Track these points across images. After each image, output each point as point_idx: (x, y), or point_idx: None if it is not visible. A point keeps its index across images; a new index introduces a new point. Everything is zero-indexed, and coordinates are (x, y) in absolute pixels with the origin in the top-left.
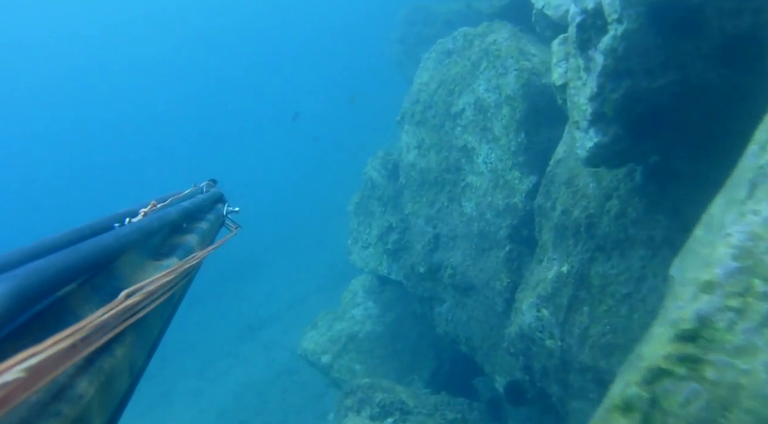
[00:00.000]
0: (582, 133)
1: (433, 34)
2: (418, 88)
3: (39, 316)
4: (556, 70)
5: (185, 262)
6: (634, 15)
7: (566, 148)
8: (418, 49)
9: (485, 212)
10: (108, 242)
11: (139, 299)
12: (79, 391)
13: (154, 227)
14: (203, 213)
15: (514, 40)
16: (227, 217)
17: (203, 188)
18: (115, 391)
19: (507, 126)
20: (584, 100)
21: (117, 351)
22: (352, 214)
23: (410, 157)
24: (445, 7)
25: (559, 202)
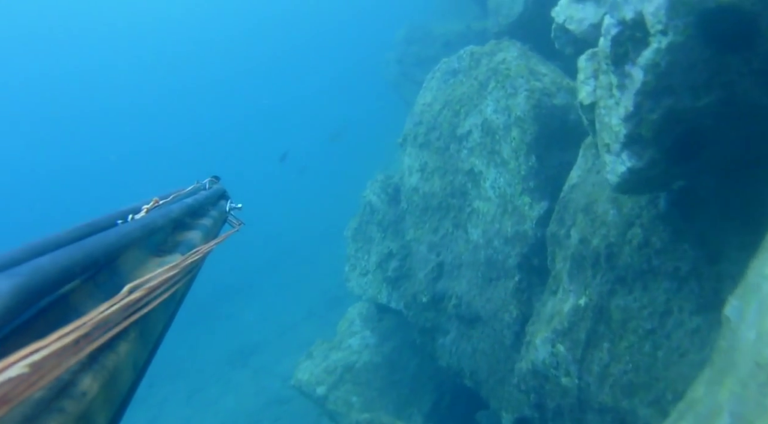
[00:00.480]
0: (613, 157)
1: (432, 55)
2: (422, 109)
3: (43, 313)
4: (584, 89)
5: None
6: (681, 26)
7: (581, 173)
8: (416, 69)
9: (493, 239)
10: (111, 238)
11: (142, 294)
12: (82, 388)
13: (158, 224)
14: (206, 210)
15: (524, 59)
16: (230, 213)
17: (206, 185)
18: (118, 388)
19: (517, 149)
20: (617, 121)
21: (120, 348)
22: (350, 239)
23: (413, 181)
24: (444, 28)
25: (575, 230)
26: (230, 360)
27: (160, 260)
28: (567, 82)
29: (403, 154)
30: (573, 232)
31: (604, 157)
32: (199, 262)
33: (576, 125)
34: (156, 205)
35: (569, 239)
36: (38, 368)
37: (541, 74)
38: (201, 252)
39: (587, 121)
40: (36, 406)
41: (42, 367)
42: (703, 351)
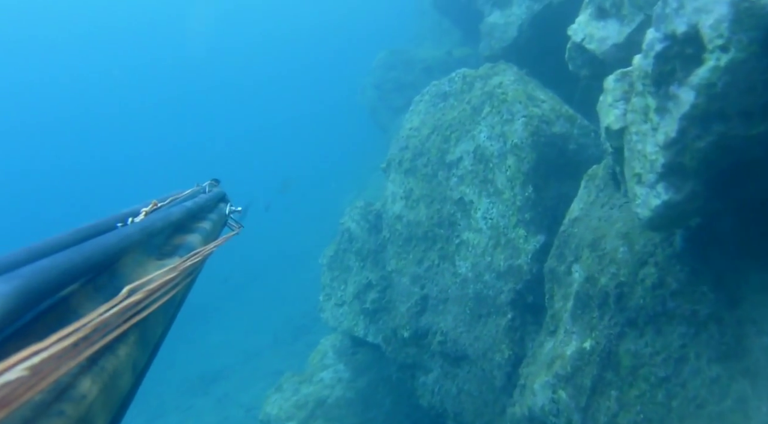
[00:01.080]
0: (646, 189)
1: (411, 81)
2: (408, 134)
3: (42, 316)
4: (611, 112)
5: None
6: (746, 41)
7: (583, 206)
8: (395, 95)
9: (483, 273)
10: (111, 241)
11: (142, 296)
12: (81, 391)
13: (157, 227)
14: (206, 213)
15: (522, 84)
16: (230, 216)
17: (206, 188)
18: (118, 391)
19: (512, 178)
20: (653, 149)
21: (120, 351)
22: (326, 267)
23: (396, 208)
24: (425, 54)
25: (580, 268)
26: (192, 387)
27: (160, 263)
28: (566, 110)
29: (387, 180)
30: (576, 269)
31: (634, 189)
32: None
33: (575, 155)
34: (155, 208)
35: (570, 276)
36: (37, 370)
37: (540, 100)
38: (200, 254)
39: (612, 149)
40: (35, 409)
41: (41, 370)
42: (723, 403)
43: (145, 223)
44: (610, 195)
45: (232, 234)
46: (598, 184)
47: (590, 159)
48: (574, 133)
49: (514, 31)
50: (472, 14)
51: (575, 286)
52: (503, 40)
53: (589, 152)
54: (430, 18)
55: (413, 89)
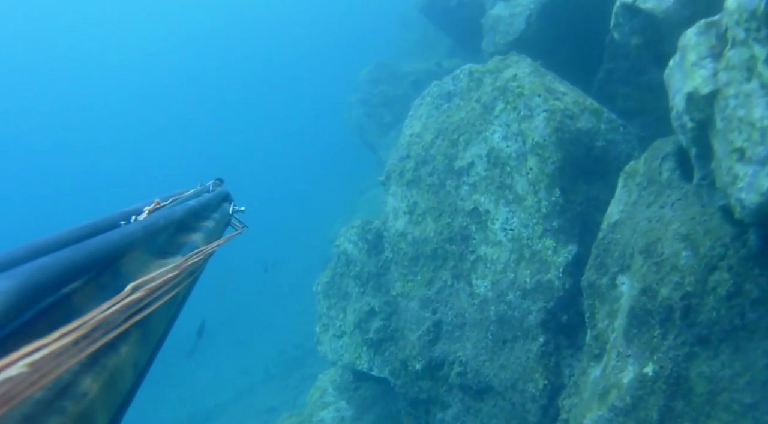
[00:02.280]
0: (753, 167)
1: (400, 95)
2: (409, 141)
3: (44, 313)
4: (697, 74)
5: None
6: None
7: (624, 208)
8: (383, 110)
9: (506, 292)
10: (113, 239)
11: (143, 294)
12: (83, 388)
13: (160, 226)
14: (209, 212)
15: (538, 76)
16: (233, 216)
17: (209, 187)
18: (119, 389)
19: (535, 182)
20: (764, 112)
21: (122, 349)
22: (321, 295)
23: (399, 225)
24: (412, 67)
25: (633, 279)
26: None
27: (162, 261)
28: (590, 103)
29: (386, 195)
30: (624, 281)
31: (734, 169)
32: (201, 263)
33: (603, 153)
34: (157, 206)
35: (616, 289)
36: (38, 367)
37: (560, 93)
38: (203, 253)
39: (692, 124)
40: (36, 406)
41: (42, 366)
42: None
43: (148, 221)
44: (657, 193)
45: (235, 233)
46: (640, 181)
47: (620, 157)
48: (602, 128)
49: (522, 22)
50: (463, 19)
51: (625, 300)
52: (509, 33)
53: (619, 149)
54: (415, 30)
55: (402, 103)
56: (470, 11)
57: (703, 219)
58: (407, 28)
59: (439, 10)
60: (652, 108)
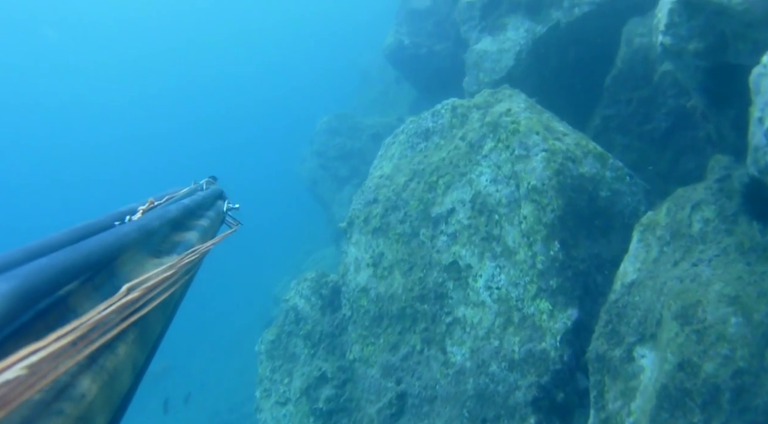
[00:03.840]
0: None
1: (358, 148)
2: (377, 183)
3: (41, 315)
4: None
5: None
6: None
7: (641, 266)
8: (340, 164)
9: (489, 362)
10: (108, 240)
11: (140, 294)
12: (81, 390)
13: (155, 225)
14: (203, 210)
15: (535, 113)
16: (227, 214)
17: (203, 185)
18: (117, 390)
19: (529, 233)
20: None
21: (119, 349)
22: (264, 356)
23: (361, 279)
24: (373, 120)
25: (662, 350)
26: None
27: (158, 261)
28: (594, 147)
29: (348, 244)
30: (646, 352)
31: None
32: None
33: (608, 205)
34: (151, 206)
35: (633, 362)
36: (36, 369)
37: (561, 133)
38: (198, 252)
39: None
40: (35, 408)
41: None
42: None
43: (143, 221)
44: (686, 248)
45: (230, 232)
46: (661, 235)
47: (625, 211)
48: (607, 176)
49: (510, 59)
50: (432, 69)
51: (650, 377)
52: (495, 71)
53: (624, 201)
54: (375, 86)
55: (360, 157)
56: (440, 61)
57: (754, 279)
58: (367, 84)
59: (407, 58)
60: (654, 161)
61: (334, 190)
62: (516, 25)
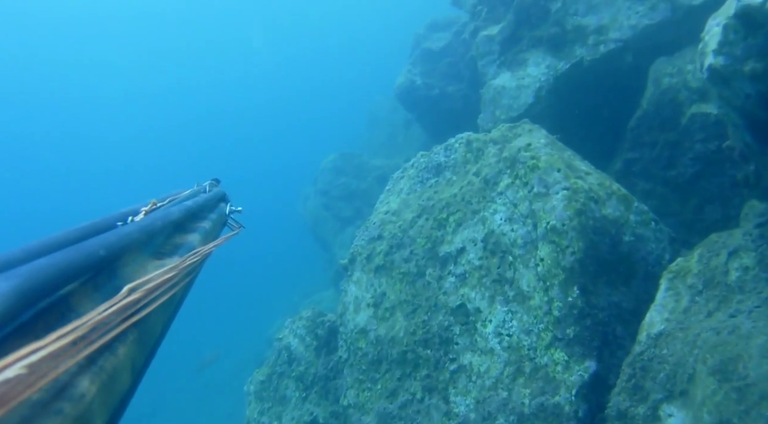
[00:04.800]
0: None
1: (363, 189)
2: (383, 219)
3: (42, 314)
4: None
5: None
6: None
7: (669, 316)
8: (343, 203)
9: (495, 415)
10: (110, 240)
11: (141, 295)
12: (80, 390)
13: (157, 227)
14: (206, 212)
15: (556, 150)
16: (230, 216)
17: (206, 187)
18: (116, 390)
19: (546, 276)
20: None
21: (119, 350)
22: (253, 397)
23: (360, 319)
24: (380, 161)
25: (696, 409)
26: None
27: (159, 262)
28: (618, 188)
29: (348, 282)
30: (674, 410)
31: None
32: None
33: (630, 252)
34: (154, 207)
35: (659, 422)
36: (36, 369)
37: (583, 172)
38: (200, 254)
39: None
40: (34, 407)
41: (40, 368)
42: None
43: (145, 222)
44: (721, 298)
45: (232, 234)
46: (693, 283)
47: (648, 258)
48: (631, 220)
49: (530, 96)
50: (443, 111)
51: None
52: (513, 108)
53: (648, 248)
54: (383, 129)
55: (365, 199)
56: (452, 102)
57: None
58: (375, 126)
59: (418, 99)
60: (678, 210)
61: (335, 231)
62: (537, 61)
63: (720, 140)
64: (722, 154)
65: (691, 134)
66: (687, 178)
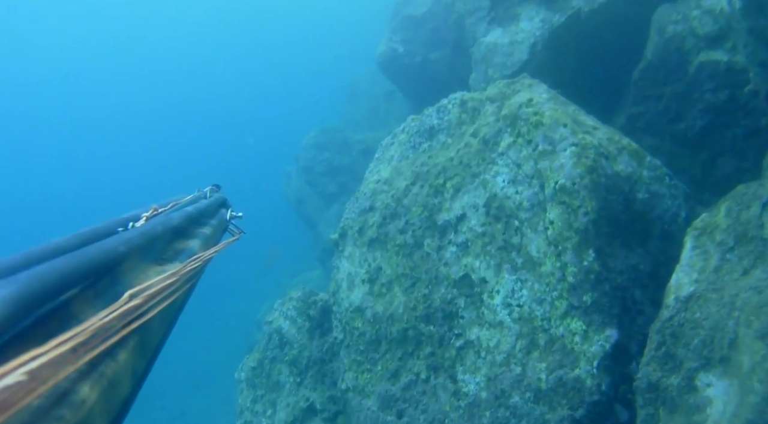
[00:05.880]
0: None
1: (347, 164)
2: (374, 189)
3: (42, 320)
4: None
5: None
6: None
7: (698, 276)
8: (326, 180)
9: (509, 392)
10: (112, 246)
11: (141, 301)
12: (81, 396)
13: (158, 232)
14: (206, 218)
15: (560, 104)
16: (230, 222)
17: (206, 193)
18: (117, 396)
19: (558, 240)
20: None
21: (120, 356)
22: (245, 384)
23: (355, 297)
24: (362, 135)
25: (741, 377)
26: None
27: (160, 268)
28: (628, 142)
29: (339, 258)
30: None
31: None
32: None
33: (645, 209)
34: (155, 213)
35: (696, 393)
36: (36, 375)
37: (590, 127)
38: (201, 260)
39: None
40: (34, 414)
41: (40, 374)
42: None
43: (146, 228)
44: (758, 254)
45: (233, 239)
46: (722, 240)
47: (665, 216)
48: (644, 175)
49: (524, 52)
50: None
51: (722, 410)
52: (507, 66)
53: (664, 206)
54: (363, 104)
55: (349, 174)
56: (436, 69)
57: None
58: (356, 100)
59: (401, 67)
60: (687, 166)
61: (320, 209)
62: (530, 15)
63: (732, 89)
64: (735, 103)
65: (699, 84)
66: (696, 131)
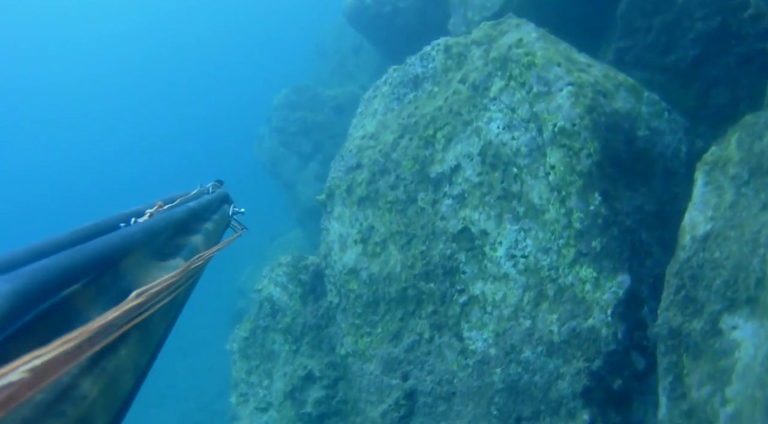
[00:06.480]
0: None
1: (320, 121)
2: (360, 145)
3: (44, 316)
4: None
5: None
6: None
7: (713, 213)
8: (301, 139)
9: (520, 347)
10: (114, 241)
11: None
12: (82, 391)
13: (160, 227)
14: (209, 214)
15: (551, 43)
16: (233, 218)
17: (209, 189)
18: (118, 391)
19: (561, 185)
20: None
21: (121, 351)
22: (237, 356)
23: (348, 258)
24: (334, 91)
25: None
26: None
27: (163, 263)
28: (624, 78)
29: (328, 220)
30: (740, 322)
31: None
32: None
33: (647, 147)
34: (160, 209)
35: (721, 336)
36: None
37: (584, 64)
38: (204, 257)
39: None
40: (36, 409)
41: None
42: None
43: (148, 223)
44: None
45: (235, 236)
46: (736, 173)
47: (666, 153)
48: (643, 111)
49: None
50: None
51: (751, 354)
52: (487, 6)
53: (665, 142)
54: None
55: (323, 131)
56: (406, 18)
57: None
58: (323, 57)
59: (369, 17)
60: (680, 99)
61: (297, 168)
62: None
63: (724, 15)
64: (727, 30)
65: (689, 12)
66: (688, 63)
